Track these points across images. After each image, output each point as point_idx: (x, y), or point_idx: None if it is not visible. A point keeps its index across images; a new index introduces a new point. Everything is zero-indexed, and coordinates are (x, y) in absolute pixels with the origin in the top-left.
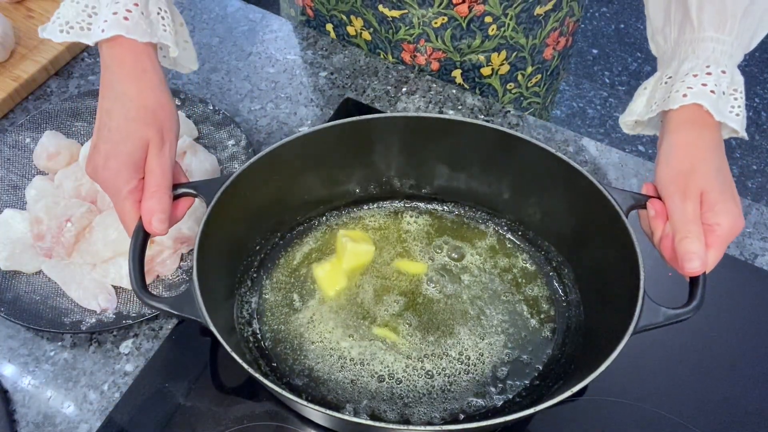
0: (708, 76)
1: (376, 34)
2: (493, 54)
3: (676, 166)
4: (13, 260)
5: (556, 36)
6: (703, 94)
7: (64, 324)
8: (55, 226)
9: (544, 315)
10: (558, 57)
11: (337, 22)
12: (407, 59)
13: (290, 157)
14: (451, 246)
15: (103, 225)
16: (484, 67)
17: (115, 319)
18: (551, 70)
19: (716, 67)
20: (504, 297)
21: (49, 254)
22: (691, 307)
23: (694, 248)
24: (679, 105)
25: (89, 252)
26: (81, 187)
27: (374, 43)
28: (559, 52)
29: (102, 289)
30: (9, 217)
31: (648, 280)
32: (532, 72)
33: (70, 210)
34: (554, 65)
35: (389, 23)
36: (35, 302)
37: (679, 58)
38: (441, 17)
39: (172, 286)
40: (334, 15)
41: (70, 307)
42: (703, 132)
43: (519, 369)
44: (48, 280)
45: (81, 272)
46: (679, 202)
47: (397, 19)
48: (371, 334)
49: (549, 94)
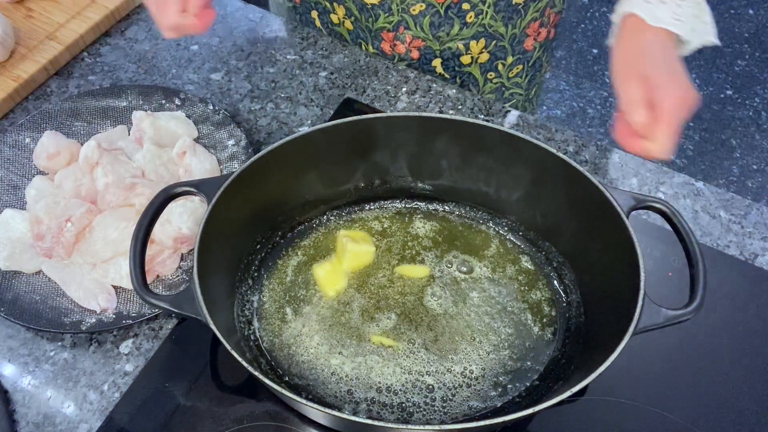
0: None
1: (357, 23)
2: (471, 42)
3: (622, 59)
4: (13, 260)
5: (536, 27)
6: (637, 4)
7: (64, 324)
8: (55, 226)
9: (546, 318)
10: (539, 48)
11: (321, 9)
12: (387, 49)
13: (290, 157)
14: (453, 253)
15: (103, 225)
16: (463, 56)
17: (115, 319)
18: (533, 61)
19: None
20: (509, 308)
21: (49, 254)
22: (691, 308)
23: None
24: (618, 16)
25: (89, 252)
26: (81, 187)
27: (356, 32)
28: (540, 44)
29: (102, 289)
30: (9, 217)
31: (648, 280)
32: (513, 62)
33: (70, 210)
34: (536, 57)
35: (369, 11)
36: (35, 302)
37: None
38: (419, 4)
39: (172, 286)
40: (318, 2)
41: (70, 307)
42: (644, 34)
43: (521, 373)
44: (48, 280)
45: (81, 272)
46: (626, 88)
47: (376, 6)
48: (369, 344)
49: (532, 86)
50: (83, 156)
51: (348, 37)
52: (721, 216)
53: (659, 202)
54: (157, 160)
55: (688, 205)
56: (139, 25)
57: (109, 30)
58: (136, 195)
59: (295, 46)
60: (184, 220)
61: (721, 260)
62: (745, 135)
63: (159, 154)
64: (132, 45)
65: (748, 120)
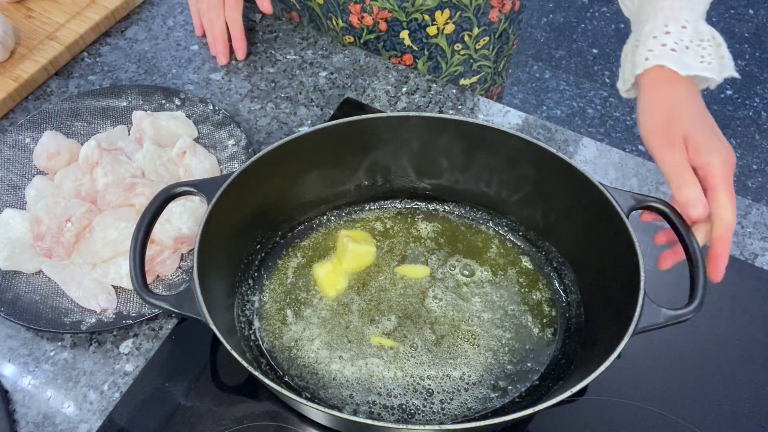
0: (667, 35)
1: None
2: (437, 12)
3: (655, 119)
4: (12, 260)
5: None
6: (665, 55)
7: (64, 324)
8: (55, 226)
9: (546, 319)
10: (505, 20)
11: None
12: (355, 22)
13: (290, 157)
14: (455, 256)
15: (103, 225)
16: (429, 26)
17: (115, 318)
18: (499, 33)
19: (675, 24)
20: (510, 310)
21: (49, 254)
22: (691, 308)
23: (692, 193)
24: (643, 69)
25: (89, 252)
26: (81, 187)
27: (326, 5)
28: (506, 15)
29: (102, 289)
30: (9, 217)
31: (648, 280)
32: (479, 34)
33: (70, 210)
34: (501, 28)
35: None
36: (35, 302)
37: (643, 19)
38: None
39: (172, 286)
40: None
41: (70, 307)
42: (675, 87)
43: (521, 374)
44: (48, 280)
45: (81, 272)
46: (666, 153)
47: None
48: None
49: (500, 59)
50: (83, 156)
51: (319, 11)
52: None
53: (659, 202)
54: (157, 160)
55: None
56: (139, 25)
57: (108, 30)
58: (136, 195)
59: (295, 46)
60: (184, 220)
61: None
62: (745, 135)
63: (159, 154)
64: (132, 45)
65: (748, 120)
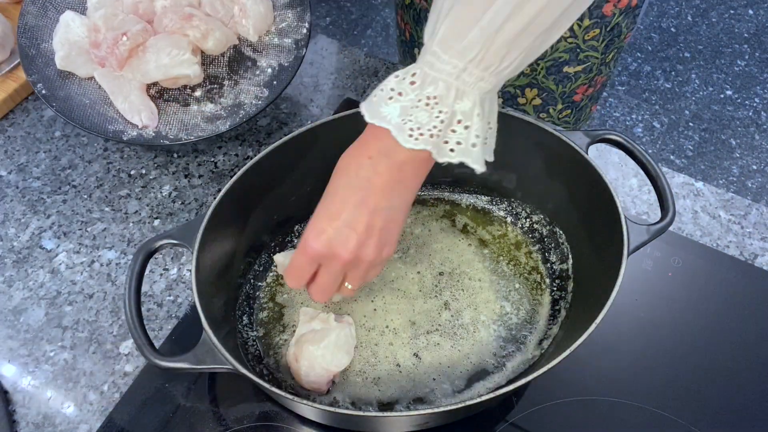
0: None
1: None
2: None
3: None
4: (68, 61)
5: None
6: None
7: (108, 131)
8: (111, 38)
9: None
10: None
11: None
12: None
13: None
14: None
15: (156, 47)
16: None
17: (154, 137)
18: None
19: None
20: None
21: (103, 63)
22: (668, 217)
23: None
24: None
25: (140, 70)
26: (140, 4)
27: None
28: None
29: (146, 106)
30: (69, 19)
31: (651, 278)
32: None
33: (127, 25)
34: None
35: None
36: (84, 105)
37: None
38: None
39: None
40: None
41: (115, 116)
42: None
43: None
44: (98, 88)
45: (129, 86)
46: None
47: None
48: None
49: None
50: None
51: None
52: (720, 216)
53: (612, 133)
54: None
55: (688, 206)
56: None
57: None
58: (192, 27)
59: None
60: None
61: (720, 260)
62: (745, 135)
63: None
64: None
65: (748, 120)
